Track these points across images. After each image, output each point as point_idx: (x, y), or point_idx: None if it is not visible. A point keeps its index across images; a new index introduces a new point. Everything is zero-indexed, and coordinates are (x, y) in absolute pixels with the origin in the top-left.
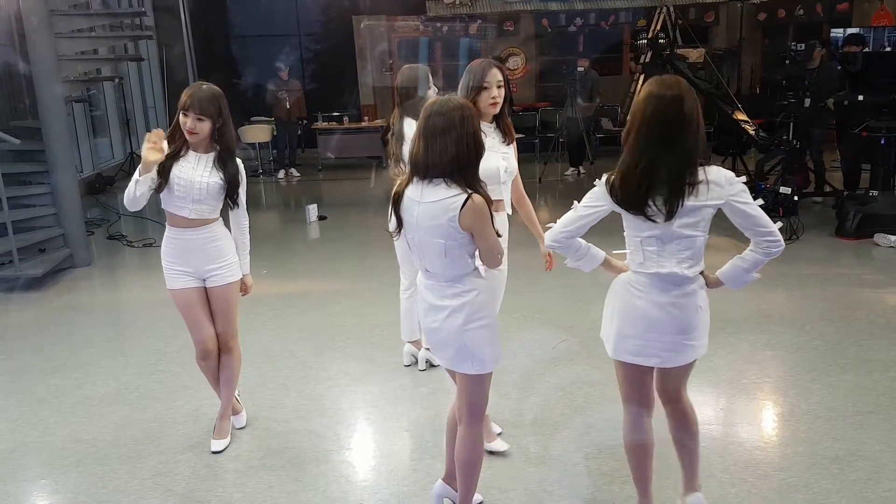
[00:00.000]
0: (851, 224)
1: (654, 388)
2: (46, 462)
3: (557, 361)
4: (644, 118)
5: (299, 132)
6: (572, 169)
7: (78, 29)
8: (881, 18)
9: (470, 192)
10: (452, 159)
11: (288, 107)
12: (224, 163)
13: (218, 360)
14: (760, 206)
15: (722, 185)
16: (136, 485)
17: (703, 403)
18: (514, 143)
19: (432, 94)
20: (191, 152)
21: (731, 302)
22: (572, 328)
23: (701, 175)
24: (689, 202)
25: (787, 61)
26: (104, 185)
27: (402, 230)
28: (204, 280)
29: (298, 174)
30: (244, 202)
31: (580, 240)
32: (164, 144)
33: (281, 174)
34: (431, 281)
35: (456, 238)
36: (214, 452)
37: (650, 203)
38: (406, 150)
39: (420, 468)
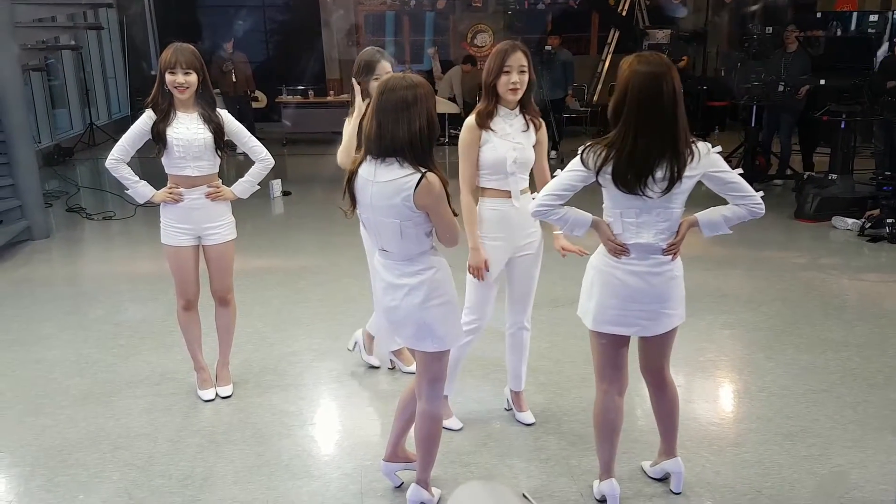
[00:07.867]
0: (810, 207)
1: (627, 367)
2: (3, 436)
3: None
4: (637, 95)
5: (242, 105)
6: None
7: None
8: (845, 3)
9: (424, 171)
10: (406, 138)
11: (234, 80)
12: (209, 117)
13: (198, 313)
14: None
15: (702, 156)
16: (95, 458)
17: None
18: (542, 130)
19: (388, 69)
20: (179, 114)
21: (689, 281)
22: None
23: (693, 149)
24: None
25: (747, 45)
26: (63, 157)
27: (357, 209)
28: (200, 238)
29: None
30: (257, 144)
31: (563, 206)
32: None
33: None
34: (389, 260)
35: (411, 218)
36: (224, 398)
37: (649, 180)
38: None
39: (383, 442)
